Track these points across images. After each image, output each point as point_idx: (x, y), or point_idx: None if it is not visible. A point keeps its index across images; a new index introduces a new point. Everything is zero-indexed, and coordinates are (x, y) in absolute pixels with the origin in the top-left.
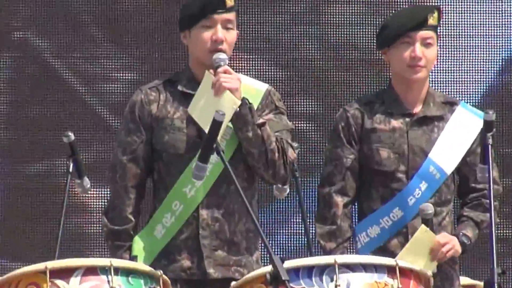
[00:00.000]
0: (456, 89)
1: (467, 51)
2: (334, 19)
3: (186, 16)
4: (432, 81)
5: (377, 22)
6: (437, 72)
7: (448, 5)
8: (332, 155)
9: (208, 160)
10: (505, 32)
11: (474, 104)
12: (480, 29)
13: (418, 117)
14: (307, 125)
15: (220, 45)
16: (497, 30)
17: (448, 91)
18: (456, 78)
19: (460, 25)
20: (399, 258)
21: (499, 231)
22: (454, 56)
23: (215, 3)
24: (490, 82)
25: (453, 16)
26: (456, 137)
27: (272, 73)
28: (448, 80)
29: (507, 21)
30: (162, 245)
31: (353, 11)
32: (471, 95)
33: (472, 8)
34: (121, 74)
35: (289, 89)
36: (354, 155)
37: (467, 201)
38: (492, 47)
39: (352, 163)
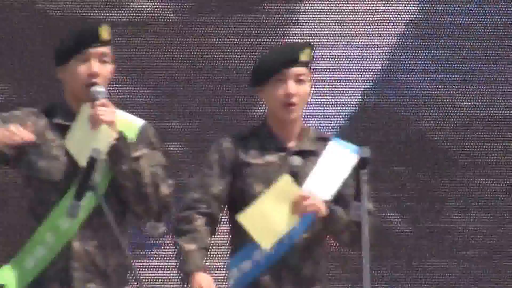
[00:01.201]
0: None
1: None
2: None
3: (62, 51)
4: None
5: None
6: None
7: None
8: (202, 182)
9: (82, 197)
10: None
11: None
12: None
13: (292, 152)
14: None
15: (95, 79)
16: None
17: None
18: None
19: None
20: (258, 203)
21: None
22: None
23: (90, 37)
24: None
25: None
26: (330, 170)
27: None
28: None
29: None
30: (32, 276)
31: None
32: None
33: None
34: None
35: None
36: (223, 186)
37: None
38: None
39: (221, 194)
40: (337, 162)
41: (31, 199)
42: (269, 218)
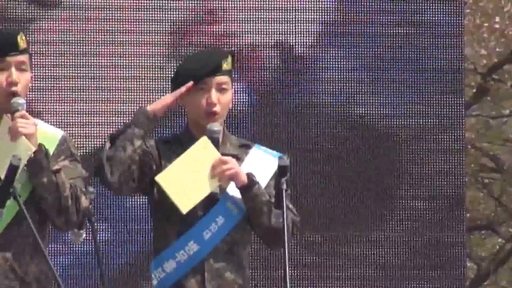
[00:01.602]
0: None
1: None
2: None
3: None
4: None
5: None
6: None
7: None
8: None
9: (4, 204)
10: None
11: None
12: None
13: None
14: None
15: (15, 87)
16: None
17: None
18: None
19: None
20: (177, 164)
21: None
22: None
23: (7, 46)
24: None
25: None
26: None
27: None
28: None
29: None
30: None
31: None
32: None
33: None
34: None
35: None
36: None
37: None
38: None
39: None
40: (259, 168)
41: None
42: (188, 180)
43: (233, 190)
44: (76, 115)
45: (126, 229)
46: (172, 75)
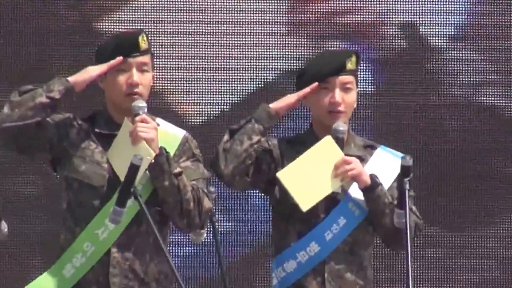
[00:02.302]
0: None
1: None
2: None
3: (101, 60)
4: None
5: None
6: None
7: None
8: None
9: (125, 204)
10: None
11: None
12: None
13: None
14: None
15: (136, 89)
16: None
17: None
18: None
19: None
20: (299, 161)
21: None
22: None
23: (129, 47)
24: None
25: None
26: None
27: None
28: None
29: None
30: (70, 284)
31: None
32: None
33: None
34: None
35: None
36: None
37: None
38: None
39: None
40: (383, 169)
41: (70, 202)
42: (310, 178)
43: (355, 191)
44: (197, 107)
45: (245, 220)
46: (296, 75)
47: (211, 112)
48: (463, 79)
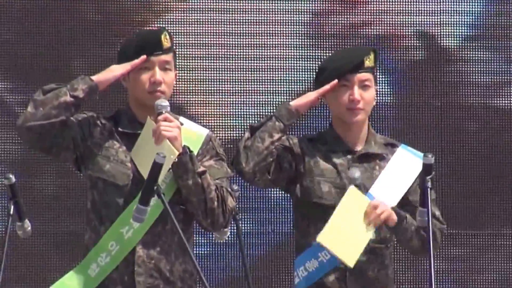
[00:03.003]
0: None
1: None
2: None
3: (124, 59)
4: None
5: None
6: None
7: None
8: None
9: (149, 202)
10: None
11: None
12: None
13: (359, 154)
14: None
15: (159, 87)
16: None
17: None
18: None
19: None
20: (333, 220)
21: None
22: None
23: (152, 45)
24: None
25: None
26: (397, 176)
27: None
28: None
29: None
30: (96, 283)
31: None
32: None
33: None
34: None
35: None
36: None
37: None
38: None
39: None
40: (404, 169)
41: (94, 201)
42: (348, 233)
43: (375, 192)
44: (218, 107)
45: (268, 220)
46: (316, 73)
47: (232, 112)
48: (480, 79)
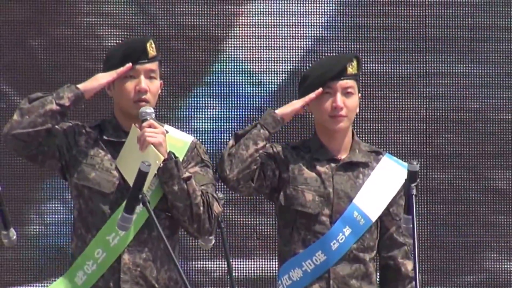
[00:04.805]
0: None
1: None
2: None
3: (110, 67)
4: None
5: None
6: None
7: None
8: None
9: (134, 210)
10: None
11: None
12: None
13: (343, 163)
14: None
15: (144, 95)
16: None
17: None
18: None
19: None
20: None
21: None
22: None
23: (137, 54)
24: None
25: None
26: (381, 185)
27: None
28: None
29: None
30: None
31: None
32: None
33: None
34: None
35: None
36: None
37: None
38: None
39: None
40: (388, 177)
41: (81, 209)
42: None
43: (360, 200)
44: (208, 121)
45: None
46: (299, 81)
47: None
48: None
